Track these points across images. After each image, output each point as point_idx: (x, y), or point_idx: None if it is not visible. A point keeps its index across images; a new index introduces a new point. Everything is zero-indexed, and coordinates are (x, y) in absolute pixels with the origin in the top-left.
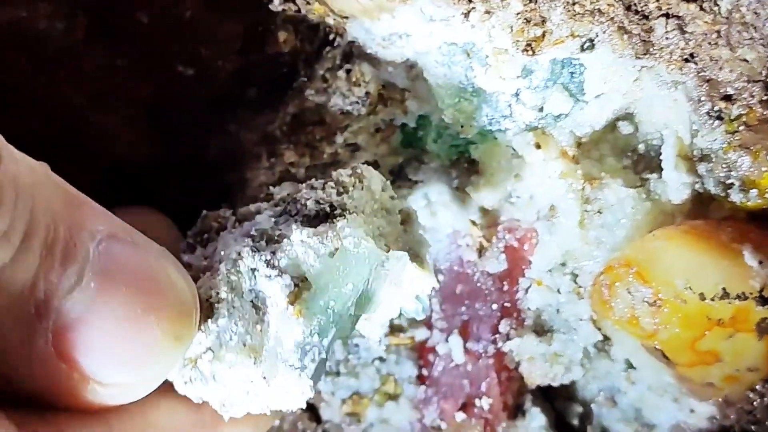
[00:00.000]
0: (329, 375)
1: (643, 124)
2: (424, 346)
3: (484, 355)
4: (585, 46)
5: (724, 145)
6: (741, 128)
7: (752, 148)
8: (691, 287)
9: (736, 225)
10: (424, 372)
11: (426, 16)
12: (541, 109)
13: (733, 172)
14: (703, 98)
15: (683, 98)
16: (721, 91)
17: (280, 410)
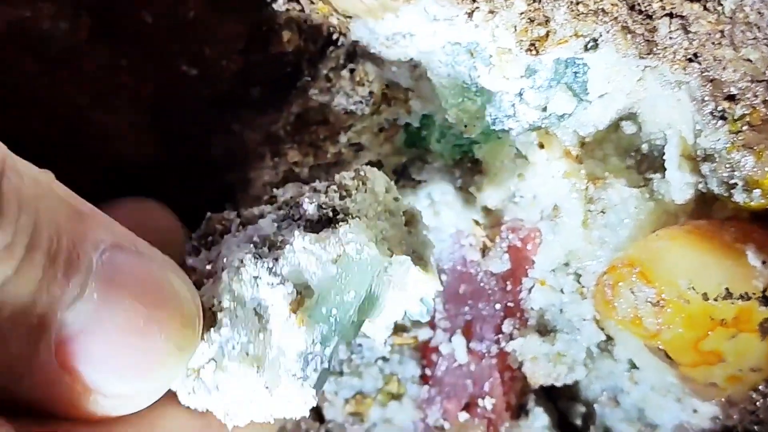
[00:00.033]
0: (333, 374)
1: (646, 124)
2: (428, 346)
3: (487, 354)
4: (589, 46)
5: (728, 145)
6: (744, 128)
7: (756, 148)
8: (694, 287)
9: (740, 225)
10: (428, 372)
11: (430, 16)
12: (544, 109)
13: (736, 172)
14: (706, 98)
15: (687, 98)
16: (725, 91)
17: (284, 418)
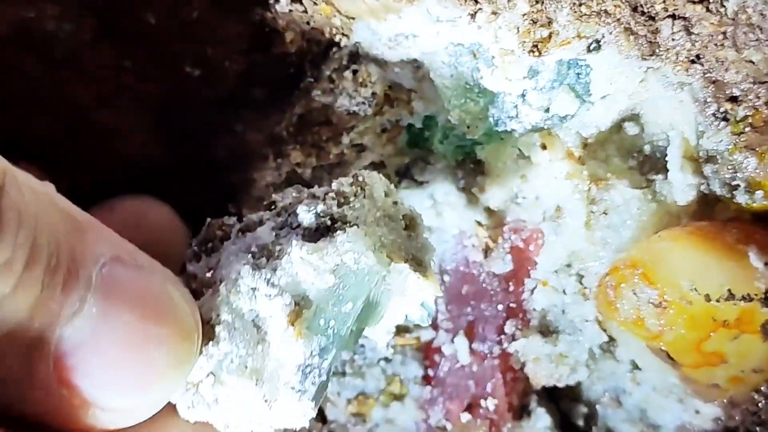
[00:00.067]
0: (335, 375)
1: (649, 125)
2: (430, 347)
3: (489, 355)
4: (591, 47)
5: (730, 147)
6: (747, 129)
7: (758, 149)
8: (696, 288)
9: (742, 226)
10: (430, 372)
11: (432, 17)
12: (547, 110)
13: (738, 174)
14: (709, 99)
15: (689, 99)
16: (727, 92)
17: (283, 430)
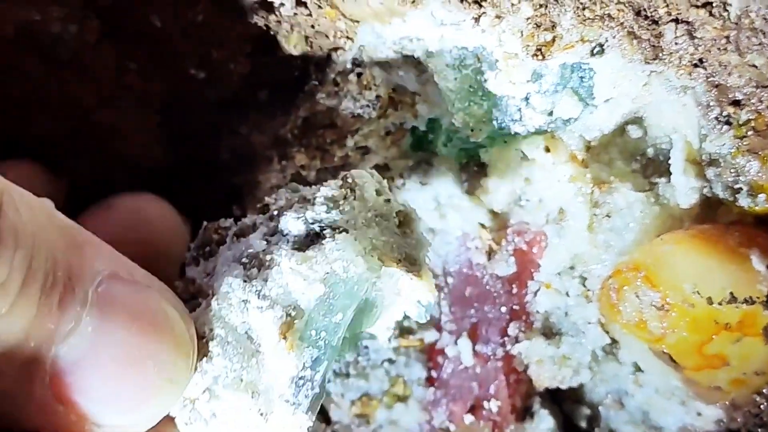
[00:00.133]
0: (339, 376)
1: (652, 128)
2: (433, 348)
3: (492, 357)
4: (595, 51)
5: (733, 150)
6: (749, 133)
7: (760, 152)
8: (698, 291)
9: (744, 229)
10: (433, 374)
11: (437, 20)
12: (550, 113)
13: (741, 177)
14: (711, 103)
15: (692, 103)
16: (730, 96)
17: None
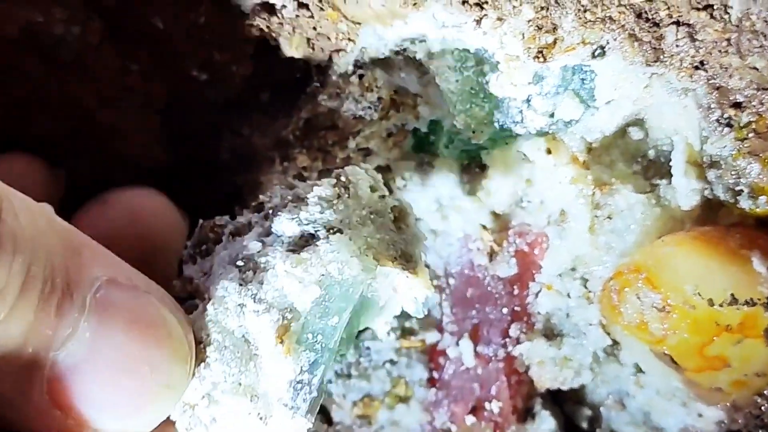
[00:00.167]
0: (341, 377)
1: (653, 130)
2: (435, 349)
3: (494, 358)
4: (596, 53)
5: (734, 152)
6: (750, 135)
7: (761, 155)
8: (699, 293)
9: (745, 231)
10: (435, 375)
11: (438, 23)
12: (552, 115)
13: (742, 179)
14: (712, 105)
15: (693, 105)
16: (731, 98)
17: None
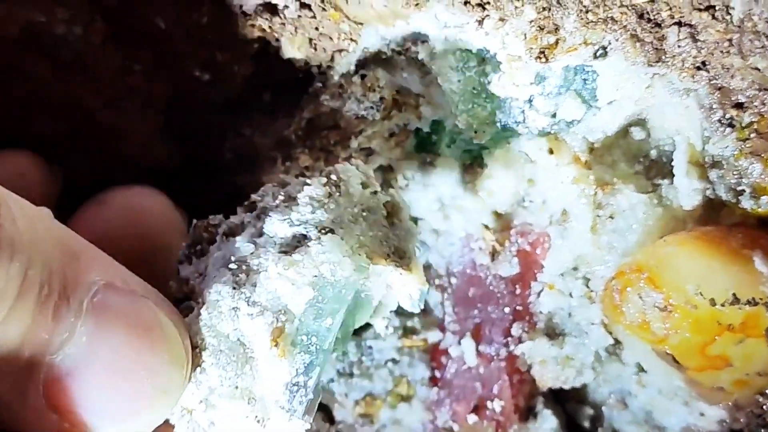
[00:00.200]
0: (343, 376)
1: (655, 130)
2: (437, 349)
3: (496, 357)
4: (598, 54)
5: (736, 152)
6: (752, 136)
7: (763, 155)
8: (701, 293)
9: (747, 231)
10: (437, 374)
11: (440, 23)
12: (554, 115)
13: (744, 179)
14: (714, 106)
15: (695, 105)
16: (733, 98)
17: None
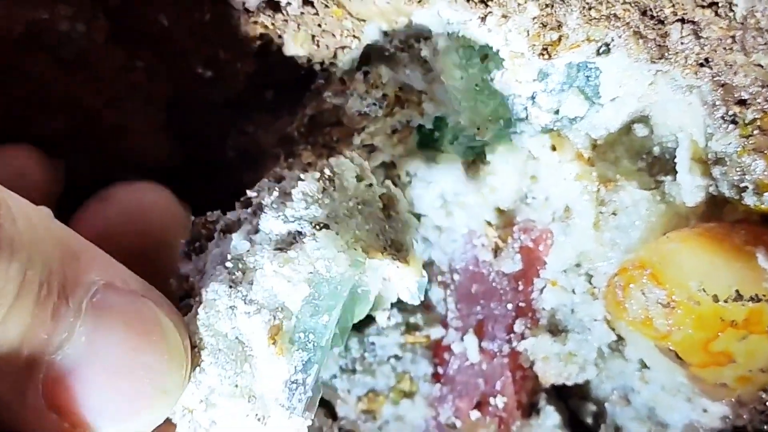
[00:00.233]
0: (345, 372)
1: (658, 127)
2: (440, 345)
3: (499, 354)
4: (601, 51)
5: (738, 149)
6: (755, 132)
7: (766, 151)
8: (704, 289)
9: (750, 228)
10: (440, 370)
11: (443, 20)
12: (556, 112)
13: (746, 176)
14: (717, 102)
15: (698, 102)
16: (736, 95)
17: None
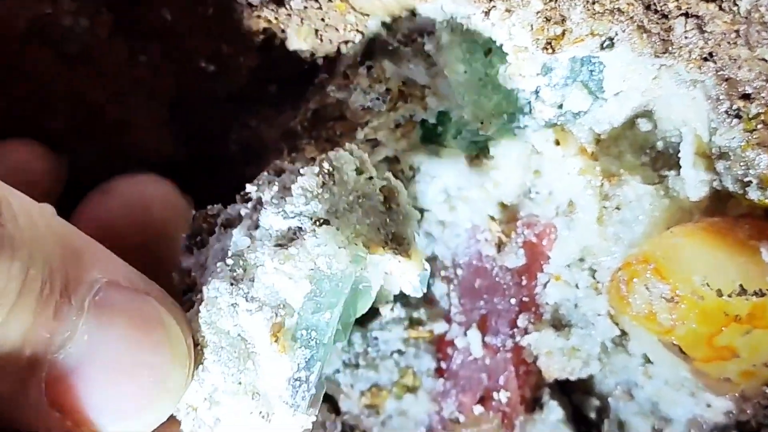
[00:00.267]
0: (348, 367)
1: (661, 122)
2: (443, 340)
3: (502, 348)
4: (605, 45)
5: (743, 143)
6: (759, 127)
7: None
8: (708, 284)
9: (754, 222)
10: (443, 365)
11: (447, 14)
12: (560, 106)
13: (751, 170)
14: (721, 97)
15: (702, 96)
16: (740, 89)
17: None
